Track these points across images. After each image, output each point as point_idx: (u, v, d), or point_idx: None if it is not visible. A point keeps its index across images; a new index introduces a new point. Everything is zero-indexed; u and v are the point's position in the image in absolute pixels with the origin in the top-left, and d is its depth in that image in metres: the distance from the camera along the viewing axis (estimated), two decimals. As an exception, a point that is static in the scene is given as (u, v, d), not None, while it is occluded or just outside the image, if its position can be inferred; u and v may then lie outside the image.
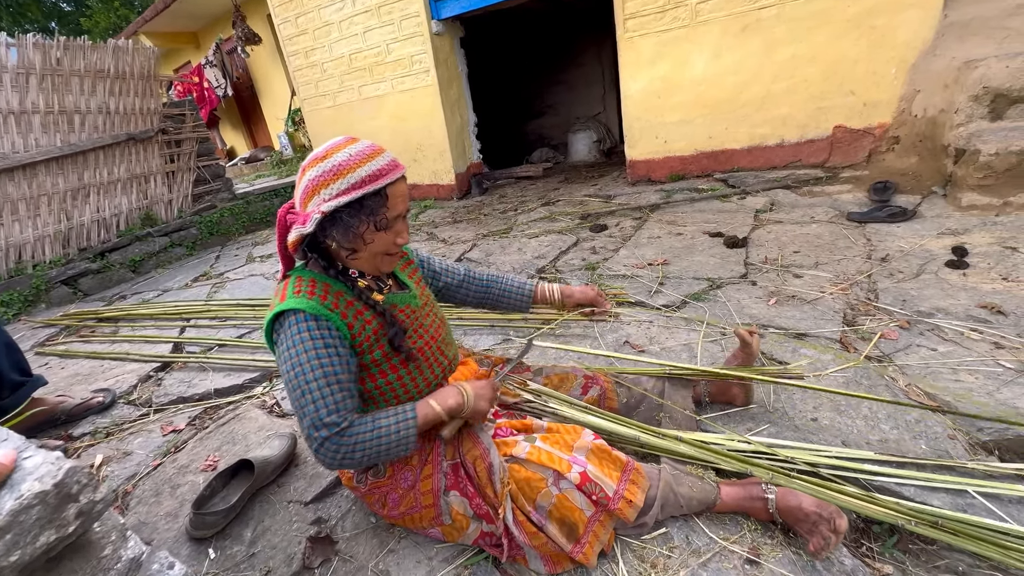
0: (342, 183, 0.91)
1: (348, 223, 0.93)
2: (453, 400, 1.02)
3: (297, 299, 0.94)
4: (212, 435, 1.70)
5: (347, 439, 0.91)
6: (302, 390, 0.91)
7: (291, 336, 0.93)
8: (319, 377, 0.91)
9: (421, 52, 4.73)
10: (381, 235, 0.97)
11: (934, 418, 1.30)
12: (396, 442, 0.94)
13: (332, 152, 0.94)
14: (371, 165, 0.92)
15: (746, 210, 3.18)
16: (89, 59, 4.06)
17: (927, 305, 1.79)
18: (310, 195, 0.94)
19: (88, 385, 2.18)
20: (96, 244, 4.24)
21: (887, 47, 3.15)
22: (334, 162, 0.92)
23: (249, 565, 1.17)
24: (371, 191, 0.91)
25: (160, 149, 4.67)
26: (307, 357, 0.91)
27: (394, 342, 1.02)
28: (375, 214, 0.93)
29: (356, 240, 0.96)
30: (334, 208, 0.91)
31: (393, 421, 0.95)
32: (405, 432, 0.95)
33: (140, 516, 1.37)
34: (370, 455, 0.93)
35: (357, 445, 0.91)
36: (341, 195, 0.91)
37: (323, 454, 0.90)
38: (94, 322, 3.10)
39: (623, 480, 1.06)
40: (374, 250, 0.99)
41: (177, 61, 10.49)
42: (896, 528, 1.02)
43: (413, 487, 1.09)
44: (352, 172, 0.91)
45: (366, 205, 0.92)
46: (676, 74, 3.84)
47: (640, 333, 1.93)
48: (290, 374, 0.92)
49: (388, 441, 0.94)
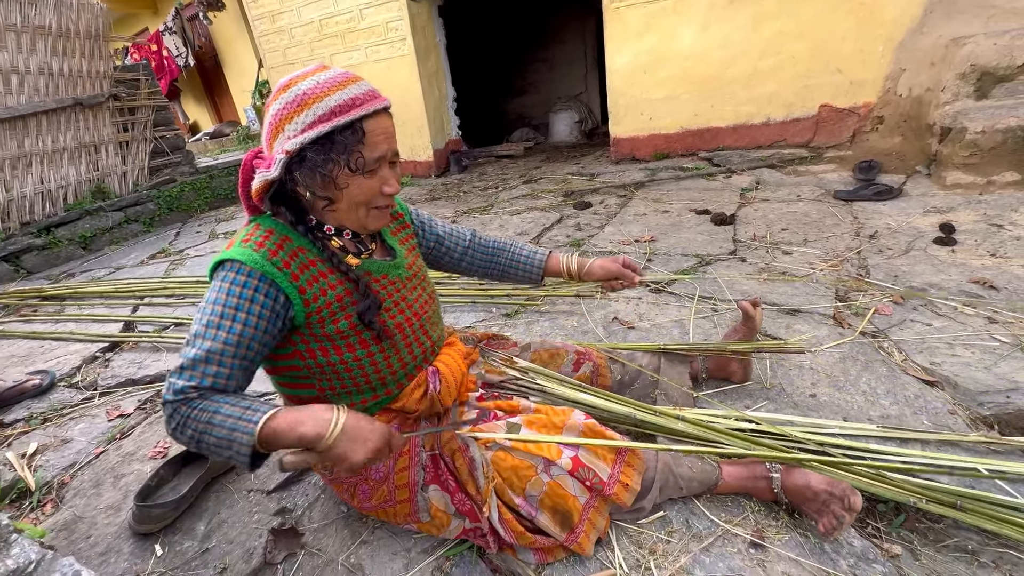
0: (307, 115, 0.76)
1: (315, 163, 0.76)
2: (311, 428, 0.71)
3: (242, 248, 0.79)
4: (164, 419, 1.54)
5: (185, 409, 0.73)
6: (188, 340, 0.77)
7: (215, 286, 0.79)
8: (212, 337, 0.75)
9: (397, 19, 4.48)
10: (359, 179, 0.81)
11: (933, 393, 1.26)
12: (226, 441, 0.71)
13: (297, 80, 0.78)
14: (342, 93, 0.77)
15: (732, 188, 3.12)
16: (27, 13, 3.68)
17: (919, 280, 1.75)
18: (275, 133, 0.79)
19: (25, 367, 1.97)
20: (41, 218, 3.91)
21: (875, 24, 3.11)
22: (298, 91, 0.77)
23: (202, 562, 1.04)
24: (342, 123, 0.76)
25: (112, 116, 4.32)
26: (211, 311, 0.76)
27: (364, 317, 0.86)
28: (348, 152, 0.77)
29: (328, 186, 0.80)
30: (299, 145, 0.75)
31: (234, 416, 0.72)
32: (237, 437, 0.71)
33: (76, 510, 1.21)
34: (197, 441, 0.73)
35: (190, 421, 0.72)
36: (307, 129, 0.76)
37: (163, 412, 0.76)
38: (37, 301, 2.85)
39: (618, 463, 0.97)
40: (353, 199, 0.83)
41: (134, 27, 9.77)
42: (903, 507, 0.97)
43: (386, 479, 0.96)
44: (319, 102, 0.76)
45: (337, 141, 0.76)
46: (663, 48, 3.73)
47: (629, 310, 1.85)
48: (198, 315, 0.78)
49: (219, 436, 0.72)
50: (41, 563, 0.46)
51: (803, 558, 0.91)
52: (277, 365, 0.91)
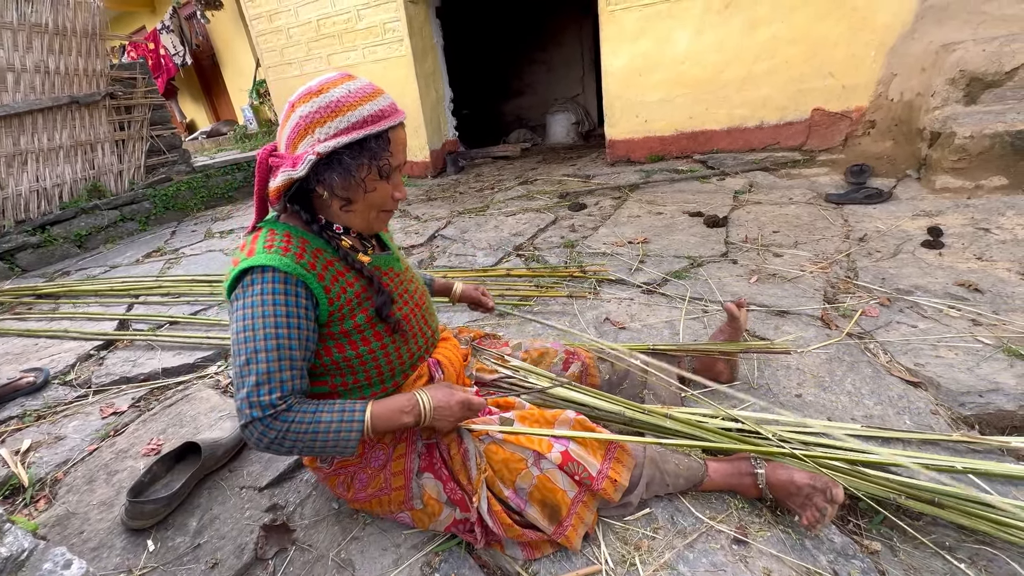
0: (342, 121, 0.79)
1: (349, 166, 0.80)
2: (411, 418, 0.89)
3: (269, 254, 0.80)
4: (157, 417, 1.55)
5: (280, 424, 0.79)
6: (247, 358, 0.78)
7: (253, 295, 0.80)
8: (271, 348, 0.78)
9: (394, 19, 4.49)
10: (383, 184, 0.86)
11: (917, 393, 1.28)
12: (334, 442, 0.82)
13: (328, 87, 0.81)
14: (374, 104, 0.81)
15: (725, 191, 3.15)
16: (23, 11, 3.68)
17: (906, 283, 1.78)
18: (301, 134, 0.80)
19: (19, 365, 1.98)
20: (36, 216, 3.90)
21: (867, 30, 3.14)
22: (331, 98, 0.79)
23: (193, 557, 1.05)
24: (375, 132, 0.80)
25: (108, 115, 4.31)
26: (263, 323, 0.78)
27: (382, 311, 0.91)
28: (378, 158, 0.82)
29: (356, 188, 0.83)
30: (333, 148, 0.78)
31: (337, 419, 0.83)
32: (347, 435, 0.83)
33: (70, 506, 1.22)
34: (300, 447, 0.81)
35: (289, 433, 0.79)
36: (341, 134, 0.79)
37: (250, 433, 0.79)
38: (32, 298, 2.84)
39: (607, 458, 0.99)
40: (372, 202, 0.87)
41: (130, 26, 9.75)
42: (883, 504, 0.99)
43: (384, 467, 0.99)
44: (353, 110, 0.79)
45: (369, 148, 0.81)
46: (658, 51, 3.76)
47: (621, 310, 1.87)
48: (239, 336, 0.79)
49: (325, 439, 0.82)
50: (34, 552, 0.48)
51: (784, 554, 0.93)
52: None
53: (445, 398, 0.92)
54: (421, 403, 0.89)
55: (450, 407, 0.91)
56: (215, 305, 2.39)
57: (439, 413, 0.90)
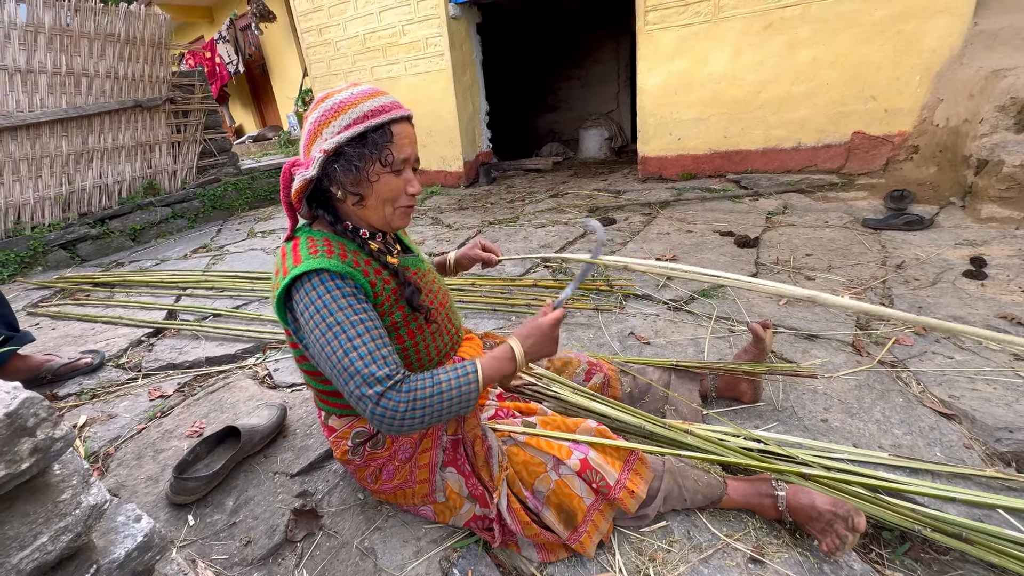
0: (344, 119, 0.86)
1: (351, 157, 0.86)
2: (511, 367, 0.92)
3: (317, 259, 0.86)
4: (200, 402, 1.65)
5: (405, 394, 0.82)
6: (345, 349, 0.82)
7: (320, 296, 0.84)
8: (362, 333, 0.83)
9: (437, 35, 4.66)
10: (388, 176, 0.90)
11: (950, 426, 1.25)
12: (458, 399, 0.85)
13: (333, 93, 0.89)
14: (373, 101, 0.88)
15: (758, 211, 3.12)
16: (100, 22, 4.00)
17: (943, 313, 1.73)
18: (312, 139, 0.89)
19: (78, 347, 2.13)
20: (97, 210, 4.19)
21: (913, 54, 3.08)
22: (334, 100, 0.87)
23: (229, 535, 1.12)
24: (374, 124, 0.86)
25: (167, 118, 4.61)
26: (345, 315, 0.83)
27: (412, 301, 0.95)
28: (380, 149, 0.87)
29: (362, 181, 0.89)
30: (336, 144, 0.85)
31: (453, 376, 0.86)
32: (467, 388, 0.86)
33: (120, 479, 1.32)
34: (430, 413, 0.84)
35: (417, 400, 0.82)
36: (343, 131, 0.85)
37: (382, 411, 0.80)
38: (89, 286, 3.05)
39: (625, 469, 1.01)
40: (382, 195, 0.91)
41: (190, 35, 10.40)
42: (908, 535, 0.97)
43: (410, 459, 1.03)
44: (354, 107, 0.86)
45: (370, 139, 0.86)
46: (694, 70, 3.77)
47: (646, 325, 1.88)
48: (327, 336, 0.83)
49: (450, 397, 0.85)
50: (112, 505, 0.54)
51: (801, 576, 0.93)
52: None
53: (535, 332, 0.94)
54: (514, 351, 0.92)
55: (545, 334, 0.94)
56: (256, 300, 2.51)
57: (535, 348, 0.93)
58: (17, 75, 3.66)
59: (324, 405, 1.07)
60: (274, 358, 1.91)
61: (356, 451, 1.06)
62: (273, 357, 1.92)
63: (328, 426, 1.08)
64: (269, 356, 1.93)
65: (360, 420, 1.04)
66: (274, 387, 1.72)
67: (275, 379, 1.76)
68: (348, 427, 1.05)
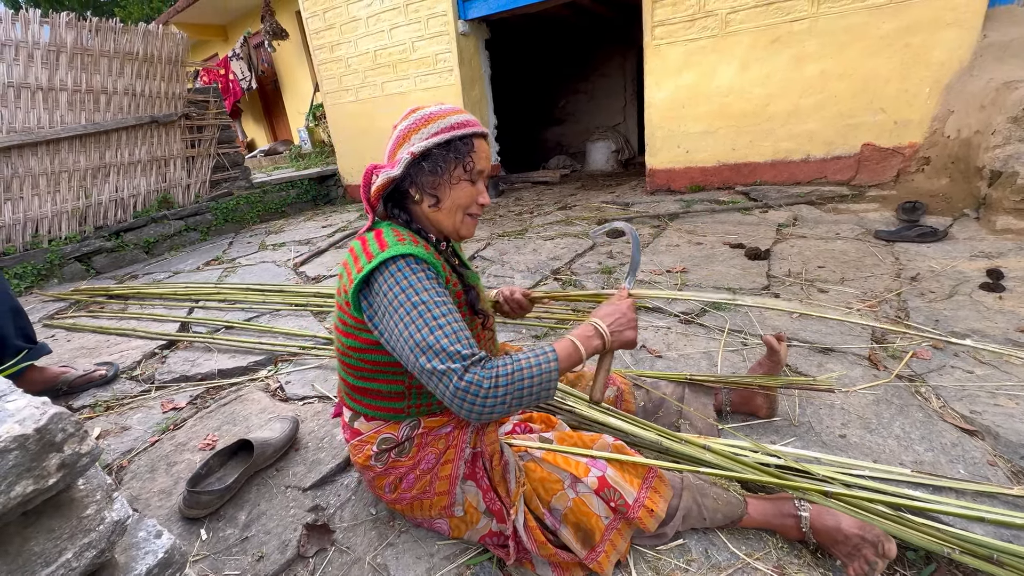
0: (433, 127, 0.93)
1: (437, 159, 0.92)
2: (597, 341, 0.93)
3: (404, 246, 0.89)
4: (213, 415, 1.65)
5: (490, 369, 0.82)
6: (431, 327, 0.82)
7: (407, 277, 0.86)
8: (447, 313, 0.85)
9: (446, 51, 4.74)
10: (466, 183, 0.96)
11: (972, 442, 1.23)
12: (539, 380, 0.84)
13: (423, 107, 0.97)
14: (458, 116, 0.95)
15: (768, 224, 3.10)
16: (119, 41, 4.11)
17: (962, 326, 1.71)
18: (400, 143, 0.95)
19: (92, 358, 2.15)
20: (112, 223, 4.26)
21: (922, 66, 3.09)
22: (425, 112, 0.95)
23: (241, 549, 1.12)
24: (460, 135, 0.93)
25: (182, 133, 4.70)
26: (429, 296, 0.85)
27: (474, 305, 1.01)
28: (463, 156, 0.94)
29: (442, 184, 0.95)
30: (424, 148, 0.92)
31: (533, 360, 0.85)
32: (547, 368, 0.85)
33: (133, 491, 1.32)
34: (512, 393, 0.82)
35: (500, 378, 0.81)
36: (432, 136, 0.92)
37: (466, 385, 0.79)
38: (104, 299, 3.10)
39: (644, 487, 1.00)
40: (457, 200, 0.96)
41: (205, 53, 10.67)
42: (934, 556, 0.95)
43: (432, 469, 1.02)
44: (443, 119, 0.94)
45: (455, 146, 0.93)
46: (702, 84, 3.80)
47: (657, 339, 1.87)
48: (412, 314, 0.83)
49: (531, 376, 0.83)
50: (133, 520, 0.54)
51: (824, 598, 0.90)
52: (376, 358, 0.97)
53: (614, 310, 0.97)
54: (597, 327, 0.94)
55: (622, 312, 0.97)
56: (267, 313, 2.53)
57: (617, 325, 0.95)
58: (39, 93, 3.77)
59: (355, 404, 1.05)
60: (286, 371, 1.91)
61: (380, 457, 1.04)
62: (285, 370, 1.92)
63: (353, 428, 1.07)
64: (281, 369, 1.94)
65: (389, 426, 1.03)
66: (286, 400, 1.73)
67: (287, 392, 1.76)
68: (375, 432, 1.03)
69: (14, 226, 3.74)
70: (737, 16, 3.52)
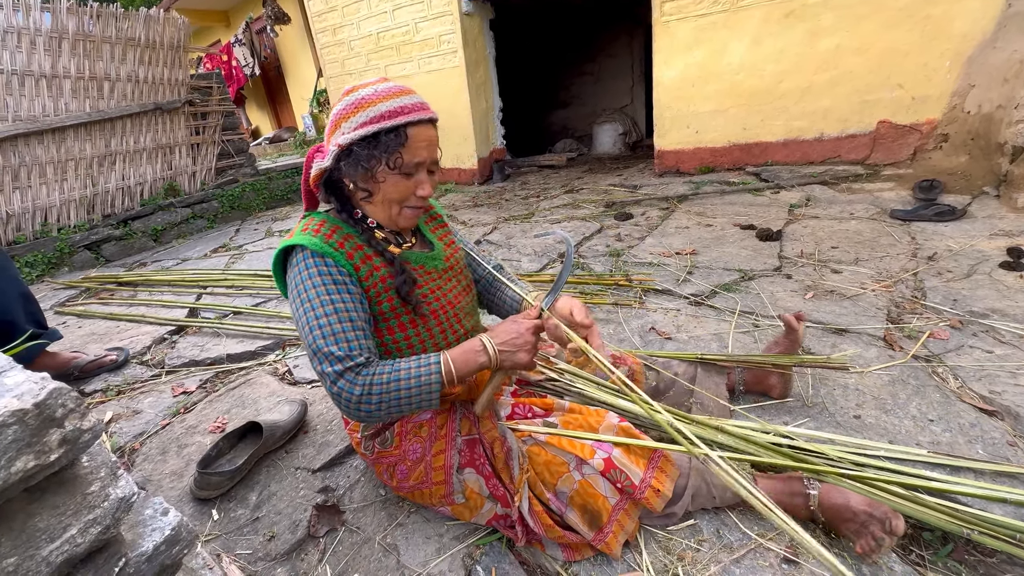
0: (361, 116, 0.86)
1: (360, 157, 0.87)
2: (484, 358, 0.88)
3: (303, 236, 0.90)
4: (222, 398, 1.66)
5: (362, 379, 0.83)
6: (311, 326, 0.84)
7: (299, 273, 0.88)
8: (329, 313, 0.85)
9: (450, 32, 4.65)
10: (396, 178, 0.90)
11: (991, 422, 1.20)
12: (418, 390, 0.85)
13: (359, 87, 0.90)
14: (394, 102, 0.87)
15: (780, 204, 3.04)
16: (121, 27, 4.07)
17: (980, 306, 1.66)
18: (333, 129, 0.90)
19: (103, 344, 2.17)
20: (120, 211, 4.28)
21: (942, 39, 2.97)
22: (357, 96, 0.88)
23: (252, 529, 1.13)
24: (388, 127, 0.85)
25: (186, 120, 4.68)
26: (315, 292, 0.86)
27: (401, 291, 0.94)
28: (389, 152, 0.86)
29: (369, 180, 0.90)
30: (350, 141, 0.86)
31: (415, 365, 0.86)
32: (428, 380, 0.85)
33: (145, 473, 1.33)
34: (389, 401, 0.84)
35: (374, 387, 0.83)
36: (359, 128, 0.86)
37: (338, 391, 0.82)
38: (114, 286, 3.12)
39: (650, 467, 0.99)
40: (388, 195, 0.92)
41: (207, 39, 10.57)
42: (951, 536, 0.93)
43: (422, 460, 1.02)
44: (372, 106, 0.86)
45: (382, 141, 0.86)
46: (712, 61, 3.70)
47: (667, 321, 1.84)
48: (299, 311, 0.87)
49: (408, 387, 0.84)
50: (140, 498, 0.54)
51: (839, 578, 0.89)
52: None
53: (511, 329, 0.91)
54: (485, 344, 0.89)
55: (519, 333, 0.90)
56: (275, 298, 2.53)
57: (508, 346, 0.89)
58: (43, 80, 3.75)
59: None
60: (294, 354, 1.92)
61: (367, 446, 1.06)
62: (293, 354, 1.93)
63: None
64: (289, 353, 1.94)
65: None
66: (294, 383, 1.73)
67: (295, 375, 1.77)
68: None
69: (23, 215, 3.76)
70: (749, -11, 3.41)
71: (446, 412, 1.05)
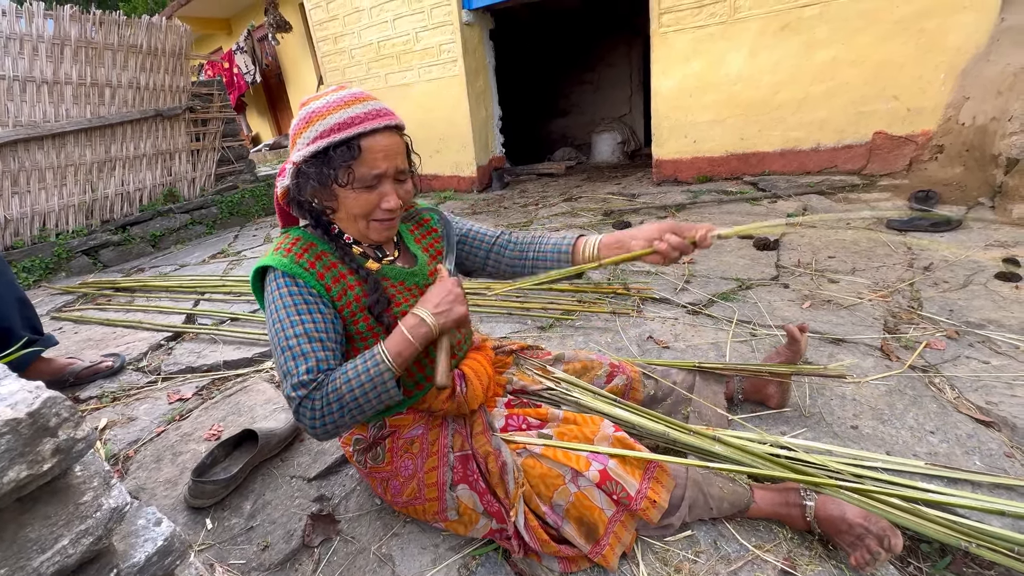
0: (311, 131, 0.84)
1: (310, 175, 0.83)
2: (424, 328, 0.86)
3: (274, 256, 0.89)
4: (218, 405, 1.65)
5: (319, 393, 0.82)
6: (281, 347, 0.84)
7: (271, 292, 0.88)
8: (299, 334, 0.84)
9: (450, 42, 4.69)
10: (353, 194, 0.85)
11: (988, 433, 1.20)
12: (373, 387, 0.83)
13: (311, 100, 0.87)
14: (344, 112, 0.82)
15: (777, 214, 3.06)
16: (123, 34, 4.11)
17: (977, 316, 1.67)
18: (292, 145, 0.89)
19: (99, 350, 2.16)
20: (119, 217, 4.28)
21: (937, 51, 3.01)
22: (309, 109, 0.86)
23: (247, 539, 1.12)
24: (338, 140, 0.81)
25: (186, 127, 4.70)
26: (286, 314, 0.85)
27: (373, 310, 0.91)
28: (338, 167, 0.82)
29: (328, 197, 0.87)
30: (302, 158, 0.84)
31: (362, 367, 0.84)
32: (379, 373, 0.83)
33: (139, 481, 1.32)
34: (350, 406, 0.83)
35: (333, 395, 0.82)
36: (310, 144, 0.83)
37: (303, 415, 0.83)
38: (111, 291, 3.11)
39: (646, 478, 0.98)
40: (351, 210, 0.88)
41: (209, 46, 10.64)
42: (949, 548, 0.93)
43: (414, 476, 1.01)
44: (322, 120, 0.82)
45: (331, 157, 0.82)
46: (710, 72, 3.73)
47: (665, 329, 1.84)
48: (271, 330, 0.87)
49: (361, 383, 0.82)
50: (133, 508, 0.53)
51: (836, 591, 0.89)
52: None
53: (436, 291, 0.91)
54: (420, 315, 0.87)
55: (447, 290, 0.91)
56: (272, 305, 2.53)
57: (443, 305, 0.88)
58: (44, 86, 3.77)
59: None
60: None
61: (359, 459, 1.06)
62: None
63: None
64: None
65: (358, 426, 1.02)
66: (291, 391, 1.72)
67: (292, 383, 1.76)
68: (348, 432, 1.04)
69: (22, 220, 3.76)
70: (746, 1, 3.44)
71: (438, 427, 1.04)
